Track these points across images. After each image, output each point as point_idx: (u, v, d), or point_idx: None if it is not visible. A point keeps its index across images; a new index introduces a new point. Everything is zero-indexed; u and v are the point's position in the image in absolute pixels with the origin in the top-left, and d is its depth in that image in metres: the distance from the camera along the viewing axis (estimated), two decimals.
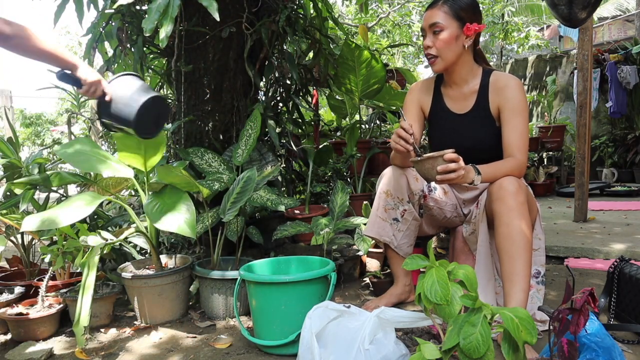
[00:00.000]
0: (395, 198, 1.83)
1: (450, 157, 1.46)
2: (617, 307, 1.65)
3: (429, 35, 1.71)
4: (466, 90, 1.80)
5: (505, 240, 1.53)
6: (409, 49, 9.89)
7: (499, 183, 1.58)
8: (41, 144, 13.34)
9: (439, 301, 1.00)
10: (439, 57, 1.71)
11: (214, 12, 1.68)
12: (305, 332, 1.27)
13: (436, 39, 1.69)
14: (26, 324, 1.73)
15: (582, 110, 3.37)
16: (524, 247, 1.51)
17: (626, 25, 9.38)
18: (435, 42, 1.70)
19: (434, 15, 1.69)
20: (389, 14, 7.96)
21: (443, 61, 1.72)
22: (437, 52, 1.70)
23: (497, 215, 1.56)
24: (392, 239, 1.85)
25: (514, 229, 1.52)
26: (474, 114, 1.79)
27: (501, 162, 1.64)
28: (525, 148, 1.67)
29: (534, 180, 5.53)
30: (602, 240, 2.80)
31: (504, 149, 1.69)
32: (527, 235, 1.52)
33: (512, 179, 1.57)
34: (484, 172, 1.57)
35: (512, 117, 1.68)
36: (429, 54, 1.72)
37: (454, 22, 1.68)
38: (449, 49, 1.70)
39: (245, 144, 2.06)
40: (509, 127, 1.68)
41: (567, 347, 0.93)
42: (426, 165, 1.50)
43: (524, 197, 1.55)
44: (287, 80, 2.75)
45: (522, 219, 1.53)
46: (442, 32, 1.68)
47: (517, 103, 1.69)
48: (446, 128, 1.85)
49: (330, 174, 3.01)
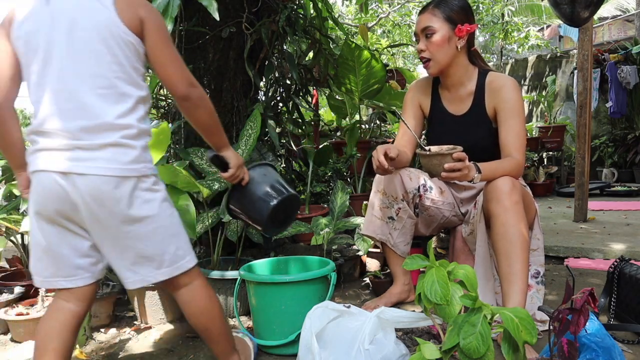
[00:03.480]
0: (389, 197, 1.83)
1: (459, 156, 1.48)
2: (617, 307, 1.65)
3: (422, 39, 1.74)
4: (462, 92, 1.81)
5: (501, 241, 1.54)
6: (409, 49, 9.88)
7: (494, 183, 1.58)
8: None
9: (439, 301, 0.99)
10: (432, 60, 1.74)
11: (214, 12, 1.68)
12: (305, 332, 1.27)
13: (429, 42, 1.72)
14: (26, 324, 1.73)
15: (582, 110, 3.37)
16: (521, 247, 1.51)
17: (626, 25, 9.38)
18: (428, 46, 1.73)
19: (426, 19, 1.73)
20: (389, 14, 7.96)
21: (437, 64, 1.74)
22: (430, 55, 1.73)
23: (493, 216, 1.57)
24: (388, 237, 1.86)
25: (510, 228, 1.52)
26: (471, 116, 1.80)
27: (500, 162, 1.65)
28: (522, 148, 1.67)
29: (534, 180, 5.53)
30: (602, 240, 2.79)
31: (501, 149, 1.70)
32: (524, 234, 1.52)
33: (506, 178, 1.57)
34: (484, 171, 1.57)
35: (509, 117, 1.69)
36: (423, 57, 1.76)
37: (445, 24, 1.70)
38: (441, 51, 1.72)
39: (245, 144, 2.06)
40: (506, 128, 1.69)
41: (567, 347, 0.93)
42: (434, 160, 1.50)
43: (518, 197, 1.56)
44: (287, 80, 2.75)
45: (518, 218, 1.53)
46: (434, 35, 1.71)
47: (514, 104, 1.69)
48: (444, 129, 1.86)
49: (330, 174, 3.01)
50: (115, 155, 1.06)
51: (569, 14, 2.42)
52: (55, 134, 1.05)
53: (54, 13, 1.06)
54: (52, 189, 1.06)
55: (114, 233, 1.10)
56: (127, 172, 1.07)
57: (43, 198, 1.08)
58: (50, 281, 1.15)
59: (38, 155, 1.07)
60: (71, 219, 1.10)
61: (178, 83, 1.13)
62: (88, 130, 1.05)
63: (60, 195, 1.06)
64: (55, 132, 1.05)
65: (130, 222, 1.09)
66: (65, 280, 1.14)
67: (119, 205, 1.07)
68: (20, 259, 2.27)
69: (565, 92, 6.98)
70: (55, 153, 1.05)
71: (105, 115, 1.06)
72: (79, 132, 1.04)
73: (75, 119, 1.05)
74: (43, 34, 1.05)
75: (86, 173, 1.04)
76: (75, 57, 1.05)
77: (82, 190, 1.05)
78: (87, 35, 1.04)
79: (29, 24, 1.07)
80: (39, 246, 1.13)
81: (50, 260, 1.13)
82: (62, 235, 1.12)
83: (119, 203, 1.07)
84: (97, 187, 1.05)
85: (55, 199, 1.07)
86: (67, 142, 1.04)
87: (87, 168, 1.04)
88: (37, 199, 1.09)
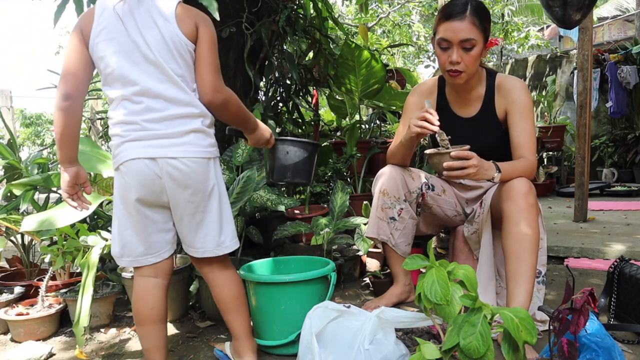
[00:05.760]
0: (392, 197, 1.83)
1: (458, 154, 1.46)
2: (617, 307, 1.65)
3: (457, 49, 1.60)
4: (472, 95, 1.79)
5: (513, 240, 1.53)
6: (409, 49, 9.88)
7: (511, 183, 1.57)
8: (41, 144, 13.35)
9: (439, 301, 0.99)
10: (464, 72, 1.65)
11: (214, 12, 1.68)
12: (305, 332, 1.27)
13: (466, 55, 1.61)
14: (26, 324, 1.73)
15: (582, 110, 3.37)
16: (531, 248, 1.50)
17: (626, 25, 9.38)
18: (465, 58, 1.61)
19: (466, 29, 1.58)
20: (389, 14, 7.96)
21: (467, 75, 1.67)
22: (464, 67, 1.63)
23: (507, 215, 1.56)
24: (389, 237, 1.86)
25: (522, 229, 1.51)
26: (480, 118, 1.78)
27: (517, 162, 1.64)
28: (534, 149, 1.67)
29: (534, 180, 5.51)
30: (602, 240, 2.79)
31: (513, 150, 1.69)
32: (535, 237, 1.51)
33: (523, 179, 1.57)
34: (504, 170, 1.56)
35: (521, 119, 1.68)
36: (455, 70, 1.63)
37: (481, 36, 1.61)
38: (476, 64, 1.65)
39: (245, 144, 2.06)
40: (518, 129, 1.68)
41: (567, 347, 0.93)
42: (434, 159, 1.51)
43: (534, 199, 1.55)
44: (287, 80, 2.75)
45: (531, 220, 1.52)
46: (473, 48, 1.60)
47: (525, 105, 1.69)
48: (453, 132, 1.84)
49: (330, 174, 3.01)
50: (197, 139, 1.25)
51: (560, 16, 2.42)
52: (143, 125, 1.22)
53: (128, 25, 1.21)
54: (146, 174, 1.22)
55: (194, 208, 1.28)
56: (207, 154, 1.27)
57: (137, 183, 1.23)
58: (140, 259, 1.31)
59: (128, 146, 1.22)
60: (160, 200, 1.26)
61: (206, 88, 1.27)
62: (172, 119, 1.22)
63: (152, 178, 1.22)
64: (142, 124, 1.21)
65: (208, 197, 1.29)
66: (153, 257, 1.31)
67: (201, 182, 1.26)
68: (20, 259, 2.27)
69: (565, 92, 6.98)
70: (144, 142, 1.22)
71: (187, 106, 1.24)
72: (165, 122, 1.22)
73: (160, 111, 1.22)
74: (121, 42, 1.21)
75: (175, 156, 1.22)
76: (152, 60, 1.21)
77: (171, 172, 1.22)
78: (158, 44, 1.21)
79: (106, 33, 1.21)
80: (130, 229, 1.28)
81: (141, 241, 1.29)
82: (154, 217, 1.29)
83: (201, 181, 1.26)
84: (185, 167, 1.23)
85: (148, 183, 1.23)
86: (155, 132, 1.21)
87: (177, 152, 1.22)
88: (126, 186, 1.24)
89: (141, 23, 1.21)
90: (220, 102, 1.29)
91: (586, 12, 2.42)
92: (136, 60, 1.21)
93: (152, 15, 1.21)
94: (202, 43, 1.26)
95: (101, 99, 4.79)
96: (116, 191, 1.29)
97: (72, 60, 1.23)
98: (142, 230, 1.28)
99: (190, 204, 1.27)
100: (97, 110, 4.58)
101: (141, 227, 1.28)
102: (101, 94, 4.42)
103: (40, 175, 1.98)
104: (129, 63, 1.21)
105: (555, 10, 2.41)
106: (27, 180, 1.96)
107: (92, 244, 1.71)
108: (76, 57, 1.23)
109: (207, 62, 1.27)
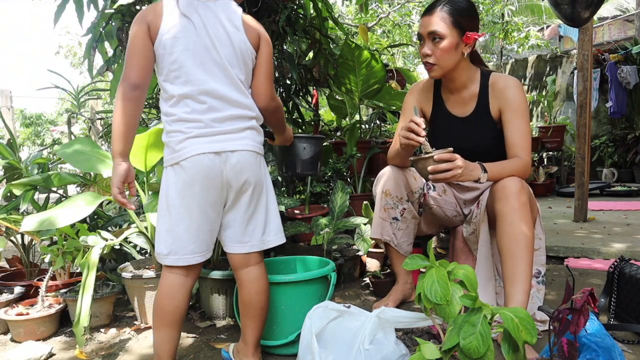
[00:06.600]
0: (394, 197, 1.83)
1: (441, 157, 1.47)
2: (617, 307, 1.65)
3: (428, 42, 1.66)
4: (466, 94, 1.79)
5: (507, 240, 1.53)
6: (409, 49, 9.88)
7: (502, 183, 1.57)
8: (41, 144, 13.34)
9: (439, 301, 0.99)
10: (437, 65, 1.68)
11: None
12: (305, 332, 1.27)
13: (435, 48, 1.65)
14: (26, 324, 1.73)
15: (582, 110, 3.37)
16: (526, 247, 1.50)
17: (626, 25, 9.38)
18: (434, 51, 1.65)
19: (433, 22, 1.64)
20: (389, 14, 7.95)
21: (441, 69, 1.69)
22: (435, 60, 1.67)
23: (500, 215, 1.56)
24: (392, 237, 1.86)
25: (516, 229, 1.51)
26: (475, 117, 1.78)
27: (507, 162, 1.64)
28: (529, 148, 1.66)
29: (534, 180, 5.53)
30: (602, 240, 2.80)
31: (507, 150, 1.69)
32: (530, 236, 1.52)
33: (515, 179, 1.57)
34: (491, 171, 1.57)
35: (514, 118, 1.68)
36: (427, 62, 1.69)
37: (453, 30, 1.64)
38: (448, 57, 1.66)
39: None
40: (512, 128, 1.68)
41: (567, 347, 0.93)
42: (419, 165, 1.52)
43: (526, 198, 1.55)
44: (287, 80, 2.75)
45: (525, 219, 1.52)
46: (441, 40, 1.64)
47: (519, 104, 1.68)
48: (448, 132, 1.84)
49: (330, 174, 3.01)
50: (252, 135, 1.34)
51: (569, 14, 2.42)
52: (207, 123, 1.27)
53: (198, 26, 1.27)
54: (210, 168, 1.26)
55: (249, 200, 1.34)
56: (259, 149, 1.36)
57: (202, 177, 1.26)
58: (187, 258, 1.31)
59: (192, 142, 1.27)
60: (220, 196, 1.31)
61: (263, 95, 1.39)
62: (232, 119, 1.30)
63: (216, 173, 1.27)
64: (207, 122, 1.27)
65: (260, 190, 1.37)
66: (200, 256, 1.32)
67: (256, 176, 1.34)
68: (20, 259, 2.27)
69: (565, 92, 6.99)
70: (208, 138, 1.27)
71: (245, 108, 1.33)
72: (226, 121, 1.29)
73: (222, 111, 1.29)
74: (191, 42, 1.26)
75: (236, 149, 1.29)
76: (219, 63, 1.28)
77: (232, 164, 1.28)
78: (226, 49, 1.29)
79: (176, 31, 1.26)
80: (183, 226, 1.29)
81: (192, 238, 1.30)
82: (211, 215, 1.31)
83: (256, 174, 1.33)
84: (244, 161, 1.30)
85: (212, 177, 1.27)
86: (218, 129, 1.28)
87: (236, 146, 1.29)
88: (190, 181, 1.27)
89: (210, 27, 1.28)
90: (273, 109, 1.42)
91: (595, 9, 2.41)
92: (203, 61, 1.27)
93: (220, 21, 1.30)
94: (263, 54, 1.37)
95: (101, 99, 4.79)
96: (172, 187, 1.29)
97: (139, 52, 1.27)
98: (196, 227, 1.29)
99: (247, 197, 1.33)
100: (97, 110, 4.57)
101: (196, 225, 1.29)
102: (101, 94, 4.42)
103: (40, 175, 1.98)
104: (196, 63, 1.27)
105: (563, 8, 2.40)
106: (27, 180, 1.96)
107: (92, 244, 1.71)
108: (142, 49, 1.27)
109: (266, 71, 1.38)
